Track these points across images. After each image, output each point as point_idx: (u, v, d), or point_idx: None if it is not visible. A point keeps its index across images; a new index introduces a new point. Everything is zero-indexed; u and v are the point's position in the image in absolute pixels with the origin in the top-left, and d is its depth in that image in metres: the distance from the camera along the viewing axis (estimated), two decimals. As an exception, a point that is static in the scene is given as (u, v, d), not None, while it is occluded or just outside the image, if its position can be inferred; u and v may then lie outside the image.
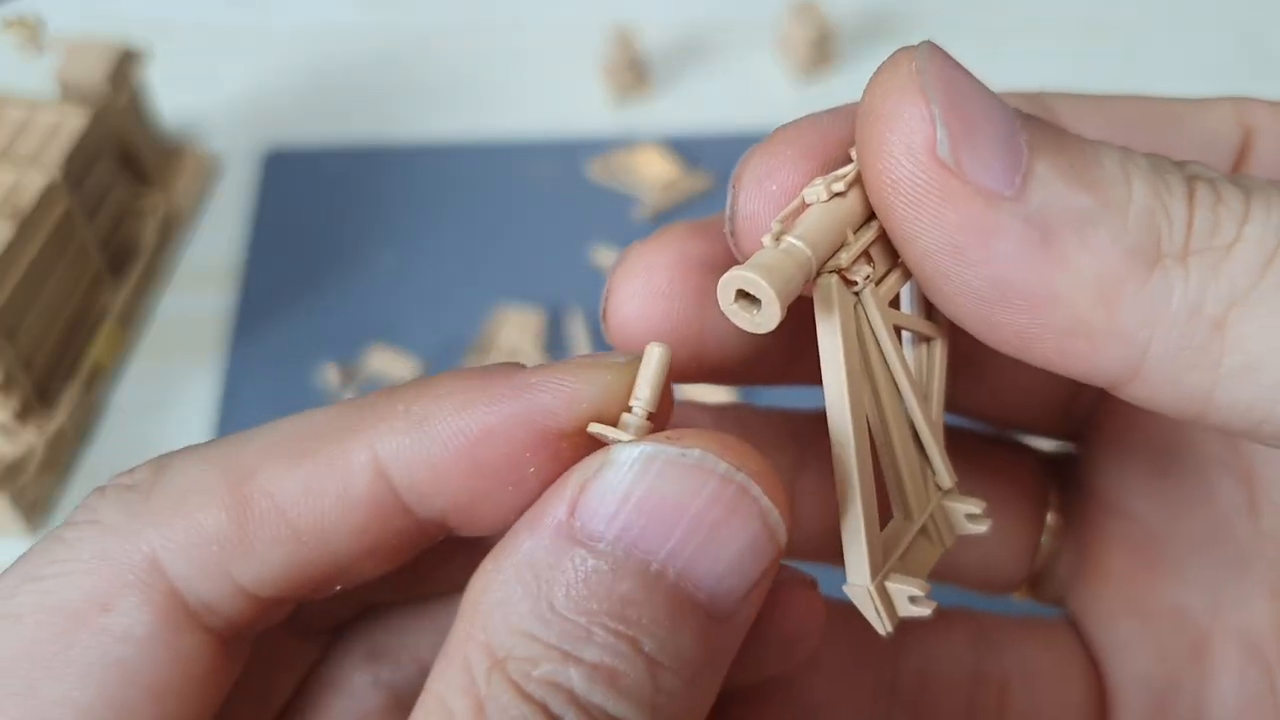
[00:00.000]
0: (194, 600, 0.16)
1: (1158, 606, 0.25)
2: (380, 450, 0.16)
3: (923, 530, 0.19)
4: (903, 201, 0.16)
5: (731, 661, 0.15)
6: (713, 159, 0.71)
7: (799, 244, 0.17)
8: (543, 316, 0.63)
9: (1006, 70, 0.80)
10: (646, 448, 0.15)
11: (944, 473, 0.20)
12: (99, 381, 0.61)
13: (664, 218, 0.68)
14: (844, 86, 0.76)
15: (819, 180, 0.18)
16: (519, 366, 0.17)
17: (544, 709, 0.14)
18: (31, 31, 0.64)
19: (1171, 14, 0.82)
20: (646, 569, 0.14)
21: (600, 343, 0.62)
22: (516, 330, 0.63)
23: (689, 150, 0.71)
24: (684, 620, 0.14)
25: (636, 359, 0.17)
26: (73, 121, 0.58)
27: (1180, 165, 0.15)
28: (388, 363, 0.60)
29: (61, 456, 0.58)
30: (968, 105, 0.15)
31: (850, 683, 0.23)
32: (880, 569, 0.18)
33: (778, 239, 0.17)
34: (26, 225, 0.54)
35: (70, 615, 0.16)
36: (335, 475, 0.17)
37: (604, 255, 0.66)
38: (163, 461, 0.18)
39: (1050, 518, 0.27)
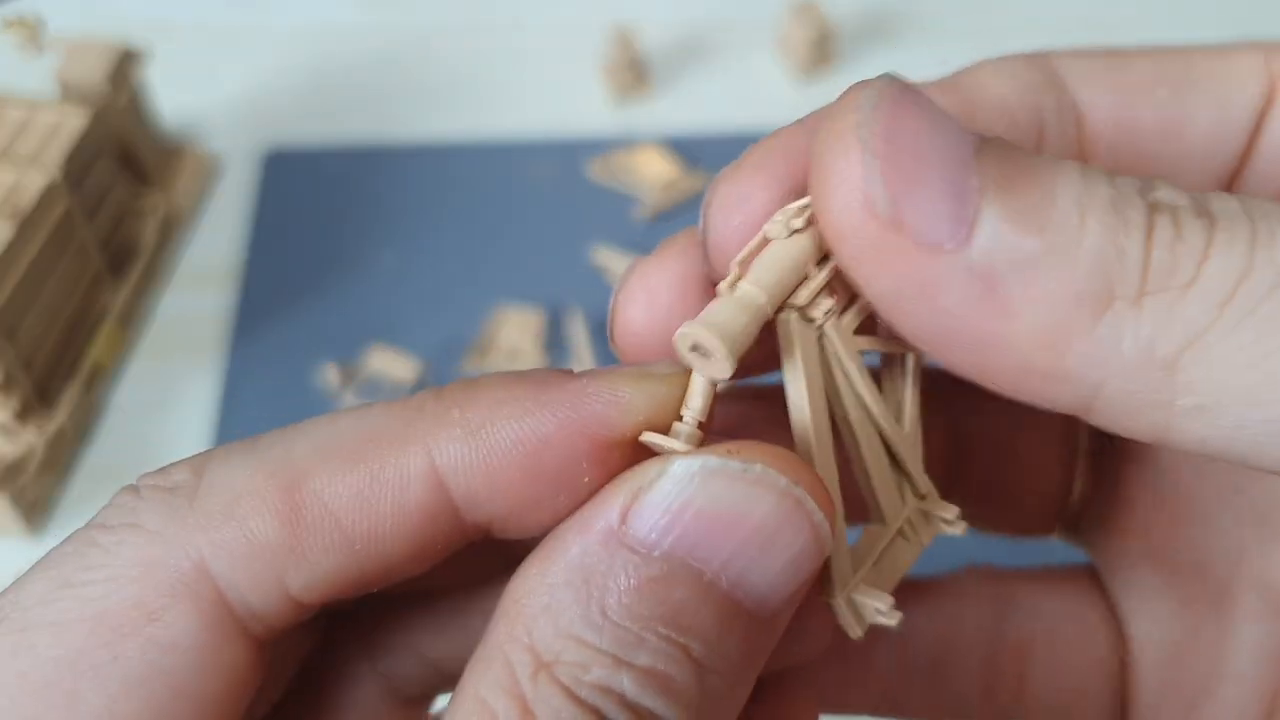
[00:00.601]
0: (241, 608, 0.16)
1: (1180, 555, 0.24)
2: (438, 458, 0.16)
3: (900, 532, 0.20)
4: (848, 253, 0.16)
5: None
6: (713, 159, 0.70)
7: (753, 291, 0.17)
8: (543, 316, 0.63)
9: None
10: (710, 461, 0.15)
11: (919, 481, 0.20)
12: (99, 381, 0.61)
13: (664, 217, 0.68)
14: (844, 86, 0.76)
15: (779, 215, 0.18)
16: (569, 374, 0.17)
17: (596, 712, 0.14)
18: (31, 31, 0.64)
19: (1171, 14, 0.82)
20: (700, 578, 0.15)
21: (600, 342, 0.62)
22: (516, 330, 0.62)
23: (689, 150, 0.71)
24: (732, 625, 0.15)
25: (686, 369, 0.17)
26: (73, 121, 0.58)
27: (1145, 191, 0.15)
28: (388, 363, 0.60)
29: (61, 456, 0.58)
30: (911, 155, 0.15)
31: (863, 659, 0.23)
32: (847, 583, 0.19)
33: (733, 286, 0.17)
34: (26, 225, 0.54)
35: (115, 624, 0.15)
36: (392, 482, 0.16)
37: (604, 255, 0.65)
38: (201, 462, 0.17)
39: (1081, 462, 0.26)
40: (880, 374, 0.21)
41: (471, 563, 0.17)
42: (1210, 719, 0.24)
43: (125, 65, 0.63)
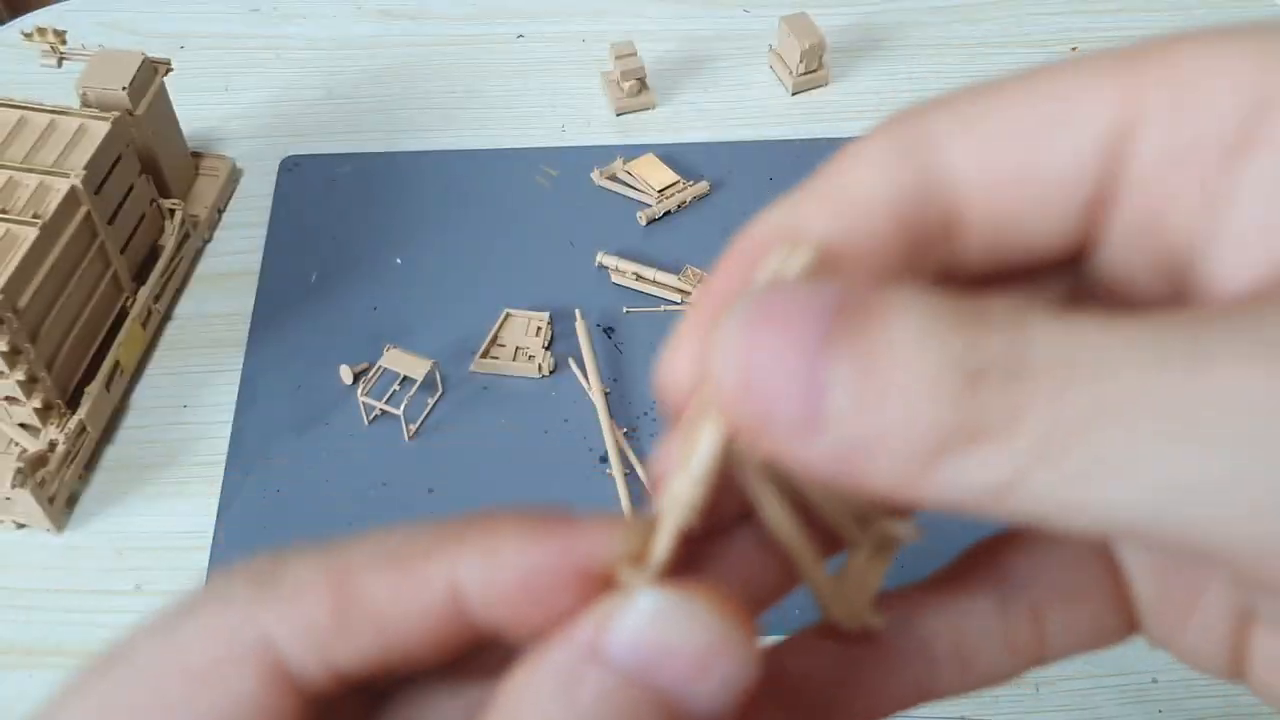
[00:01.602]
0: (295, 672, 0.19)
1: None
2: (460, 573, 0.20)
3: (873, 552, 0.22)
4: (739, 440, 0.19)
5: None
6: (711, 167, 0.70)
7: (699, 461, 0.19)
8: (548, 318, 0.62)
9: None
10: (664, 597, 0.18)
11: (873, 516, 0.22)
12: (120, 381, 0.60)
13: (664, 223, 0.67)
14: (836, 96, 0.75)
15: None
16: (569, 516, 0.20)
17: None
18: (55, 41, 0.63)
19: (1150, 28, 0.81)
20: (651, 691, 0.18)
21: (600, 341, 0.61)
22: (523, 331, 0.62)
23: (688, 158, 0.70)
24: None
25: (656, 518, 0.20)
26: (96, 129, 0.57)
27: (970, 347, 0.16)
28: (400, 363, 0.59)
29: (84, 453, 0.57)
30: (766, 365, 0.16)
31: (890, 667, 0.24)
32: (835, 605, 0.22)
33: (687, 455, 0.20)
34: (49, 229, 0.53)
35: (197, 674, 0.19)
36: (420, 587, 0.20)
37: (607, 259, 0.65)
38: (283, 556, 0.20)
39: None
40: None
41: (495, 663, 0.20)
42: (1206, 618, 0.23)
43: (147, 74, 0.62)
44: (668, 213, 0.68)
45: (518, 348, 0.61)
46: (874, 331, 0.16)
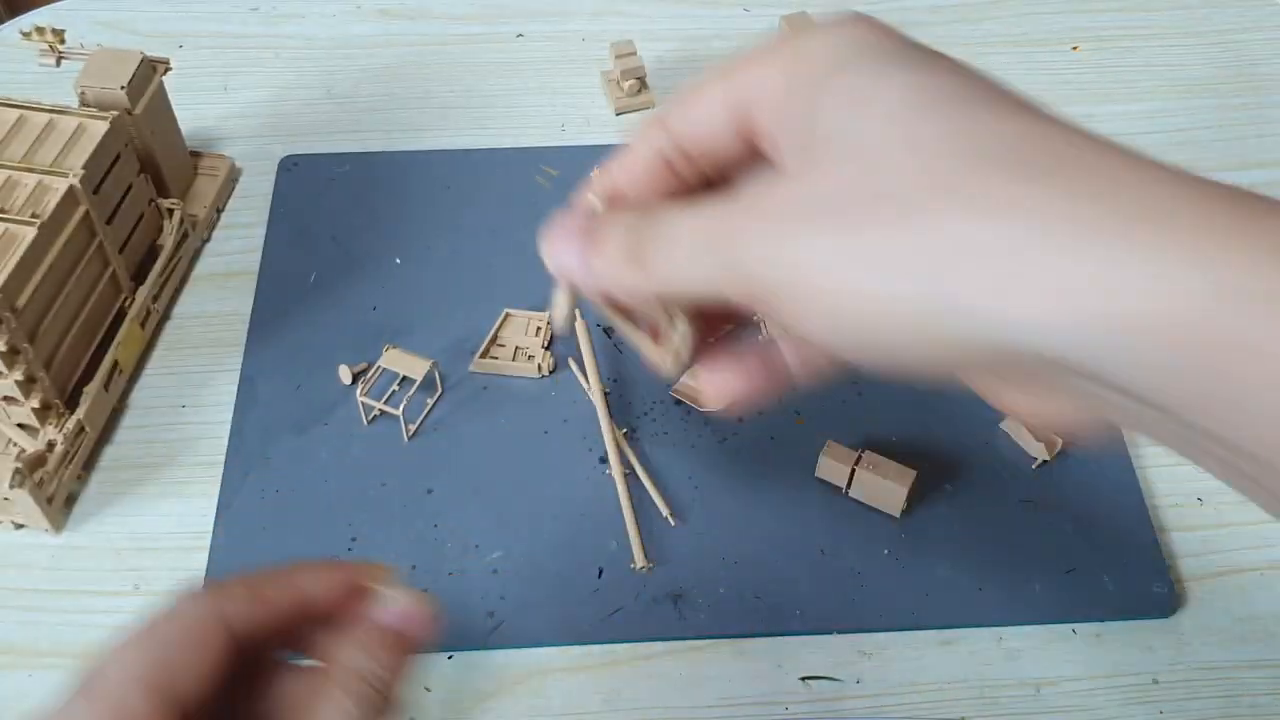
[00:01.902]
0: (235, 631, 0.33)
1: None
2: (305, 584, 0.35)
3: (679, 335, 0.35)
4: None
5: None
6: (711, 166, 0.70)
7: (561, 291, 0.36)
8: (548, 318, 0.62)
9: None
10: (402, 592, 0.36)
11: (677, 316, 0.35)
12: (119, 380, 0.60)
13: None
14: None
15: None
16: (355, 563, 0.37)
17: (365, 695, 0.34)
18: (53, 40, 0.63)
19: (1148, 25, 0.81)
20: (404, 637, 0.35)
21: (600, 341, 0.61)
22: (523, 332, 0.62)
23: (688, 158, 0.70)
24: (410, 663, 0.35)
25: (394, 567, 0.37)
26: (94, 128, 0.57)
27: (642, 228, 0.31)
28: (400, 363, 0.59)
29: (82, 454, 0.57)
30: (562, 258, 0.33)
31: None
32: (661, 362, 0.36)
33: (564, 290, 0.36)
34: (48, 229, 0.53)
35: (188, 629, 0.33)
36: (289, 590, 0.35)
37: (607, 259, 0.65)
38: (223, 579, 0.35)
39: None
40: None
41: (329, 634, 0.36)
42: None
43: (146, 74, 0.62)
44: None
45: (517, 348, 0.61)
46: (599, 233, 0.32)
